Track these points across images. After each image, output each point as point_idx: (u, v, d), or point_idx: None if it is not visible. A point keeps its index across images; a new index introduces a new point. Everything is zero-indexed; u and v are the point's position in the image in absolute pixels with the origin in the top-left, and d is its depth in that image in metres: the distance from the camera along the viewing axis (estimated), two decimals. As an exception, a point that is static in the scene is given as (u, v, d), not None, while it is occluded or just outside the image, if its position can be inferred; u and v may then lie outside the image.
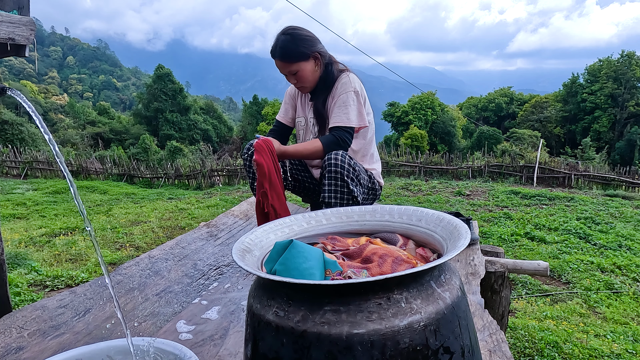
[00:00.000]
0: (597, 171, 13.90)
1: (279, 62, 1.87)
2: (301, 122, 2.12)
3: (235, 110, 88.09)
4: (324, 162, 1.78)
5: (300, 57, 1.85)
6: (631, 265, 4.68)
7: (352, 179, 1.78)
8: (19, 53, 1.12)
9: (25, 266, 3.60)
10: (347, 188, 1.77)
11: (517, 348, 2.58)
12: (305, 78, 1.89)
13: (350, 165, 1.77)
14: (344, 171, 1.75)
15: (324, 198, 1.77)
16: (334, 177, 1.75)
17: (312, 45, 1.88)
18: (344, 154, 1.78)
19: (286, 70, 1.88)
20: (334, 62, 1.97)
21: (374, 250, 0.81)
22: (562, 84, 38.25)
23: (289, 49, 1.83)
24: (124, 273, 1.62)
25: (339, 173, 1.75)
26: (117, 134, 34.86)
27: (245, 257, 0.81)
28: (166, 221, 6.44)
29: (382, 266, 0.76)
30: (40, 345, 1.17)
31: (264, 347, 0.69)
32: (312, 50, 1.87)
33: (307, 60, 1.87)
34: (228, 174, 14.87)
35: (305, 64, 1.87)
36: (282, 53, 1.84)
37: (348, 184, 1.76)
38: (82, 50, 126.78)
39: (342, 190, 1.77)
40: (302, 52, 1.84)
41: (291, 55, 1.84)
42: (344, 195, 1.77)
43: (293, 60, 1.84)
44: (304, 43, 1.85)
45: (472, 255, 1.79)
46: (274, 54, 1.87)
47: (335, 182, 1.76)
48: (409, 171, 14.75)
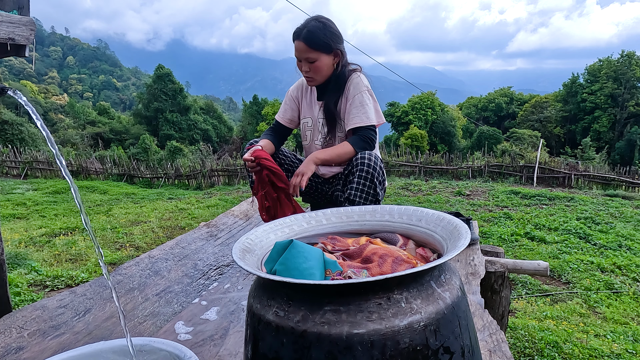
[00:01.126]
0: (597, 171, 13.90)
1: (301, 45, 1.81)
2: (308, 122, 2.08)
3: (235, 110, 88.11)
4: (356, 160, 1.77)
5: (324, 48, 1.82)
6: (631, 265, 4.68)
7: (380, 182, 1.77)
8: (19, 53, 1.12)
9: (25, 266, 3.60)
10: (374, 190, 1.75)
11: (517, 348, 2.58)
12: (320, 70, 1.86)
13: (381, 168, 1.77)
14: (375, 173, 1.74)
15: (349, 195, 1.75)
16: (365, 176, 1.73)
17: (338, 41, 1.87)
18: (377, 156, 1.78)
19: (305, 55, 1.83)
20: (348, 64, 1.96)
21: (374, 250, 0.81)
22: (562, 84, 38.26)
23: (317, 35, 1.80)
24: (124, 273, 1.62)
25: (370, 174, 1.73)
26: (117, 134, 34.86)
27: (245, 257, 0.81)
28: (166, 221, 6.44)
29: (382, 266, 0.76)
30: (40, 345, 1.17)
31: (264, 347, 0.69)
32: (337, 46, 1.86)
33: (329, 53, 1.85)
34: (228, 174, 14.87)
35: (326, 57, 1.84)
36: (308, 36, 1.79)
37: (376, 186, 1.75)
38: (82, 50, 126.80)
39: (368, 192, 1.75)
40: (327, 44, 1.82)
41: (317, 42, 1.80)
42: (369, 196, 1.76)
43: (317, 47, 1.81)
44: (332, 36, 1.83)
45: (472, 255, 1.79)
46: (298, 34, 1.82)
47: (364, 182, 1.74)
48: (409, 171, 14.75)
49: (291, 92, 2.14)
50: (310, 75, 1.88)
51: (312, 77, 1.89)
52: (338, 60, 1.90)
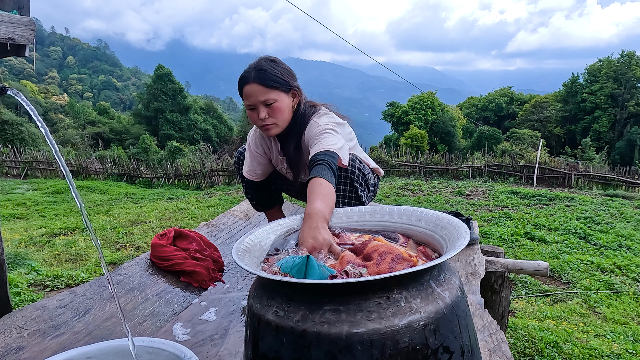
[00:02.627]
0: (597, 171, 13.90)
1: (255, 87, 1.54)
2: (282, 170, 1.91)
3: (235, 110, 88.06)
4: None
5: (281, 86, 1.57)
6: (631, 265, 4.68)
7: (361, 184, 1.69)
8: (19, 53, 1.12)
9: (25, 266, 3.60)
10: (356, 194, 1.68)
11: (517, 348, 2.58)
12: (281, 113, 1.59)
13: (360, 170, 1.67)
14: (354, 176, 1.66)
15: None
16: (343, 182, 1.66)
17: (293, 79, 1.64)
18: (353, 158, 1.67)
19: (262, 98, 1.55)
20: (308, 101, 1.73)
21: (374, 248, 0.81)
22: (562, 84, 38.26)
23: (271, 72, 1.56)
24: (124, 273, 1.62)
25: (349, 178, 1.66)
26: (117, 134, 34.86)
27: (245, 257, 0.81)
28: (166, 221, 6.44)
29: (380, 264, 0.76)
30: (40, 345, 1.17)
31: (264, 346, 0.69)
32: (294, 84, 1.63)
33: (287, 93, 1.60)
34: (228, 174, 14.87)
35: (285, 97, 1.59)
36: (262, 76, 1.54)
37: (357, 189, 1.68)
38: (82, 50, 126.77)
39: (350, 196, 1.69)
40: (285, 81, 1.58)
41: (273, 79, 1.55)
42: (352, 201, 1.69)
43: (274, 86, 1.55)
44: (287, 73, 1.61)
45: (472, 255, 1.79)
46: (247, 78, 1.56)
47: (344, 187, 1.67)
48: (409, 171, 14.74)
49: (255, 150, 1.86)
50: (270, 121, 1.59)
51: (273, 123, 1.60)
52: (298, 101, 1.65)
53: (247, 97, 1.57)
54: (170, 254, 1.66)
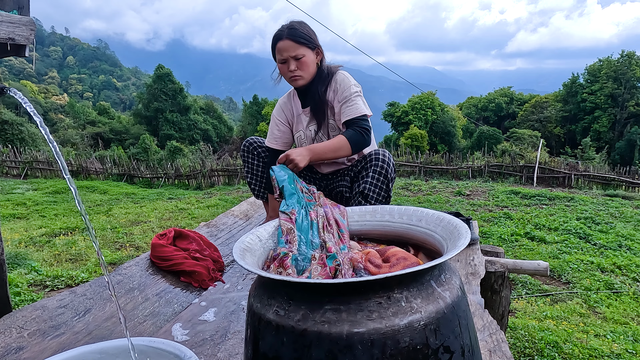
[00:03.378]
0: (597, 171, 13.90)
1: (287, 42, 1.79)
2: (301, 135, 2.05)
3: (235, 110, 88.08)
4: (370, 156, 1.79)
5: (309, 42, 1.83)
6: (631, 265, 4.68)
7: (391, 180, 1.80)
8: (19, 53, 1.12)
9: (25, 266, 3.60)
10: (387, 186, 1.78)
11: (517, 348, 2.58)
12: (308, 66, 1.84)
13: (394, 165, 1.80)
14: (389, 169, 1.77)
15: (364, 189, 1.75)
16: (380, 172, 1.75)
17: (317, 39, 1.89)
18: (390, 155, 1.81)
19: (293, 53, 1.80)
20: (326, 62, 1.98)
21: (394, 252, 0.83)
22: (562, 84, 38.24)
23: (300, 31, 1.81)
24: (124, 273, 1.62)
25: (385, 170, 1.76)
26: (117, 134, 34.84)
27: (246, 257, 0.81)
28: (166, 221, 6.44)
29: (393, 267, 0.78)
30: (40, 345, 1.17)
31: (264, 346, 0.69)
32: (318, 43, 1.88)
33: (313, 50, 1.85)
34: (228, 174, 14.87)
35: (311, 53, 1.84)
36: (293, 33, 1.79)
37: (389, 182, 1.78)
38: (82, 50, 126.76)
39: (382, 187, 1.77)
40: (311, 39, 1.84)
41: (302, 37, 1.80)
42: (382, 191, 1.77)
43: (303, 42, 1.80)
44: (312, 33, 1.87)
45: (472, 255, 1.79)
46: (280, 35, 1.81)
47: (379, 178, 1.76)
48: (409, 171, 14.75)
49: (277, 116, 2.06)
50: (298, 73, 1.84)
51: (300, 75, 1.85)
52: (320, 58, 1.91)
53: (280, 51, 1.82)
54: (170, 254, 1.67)
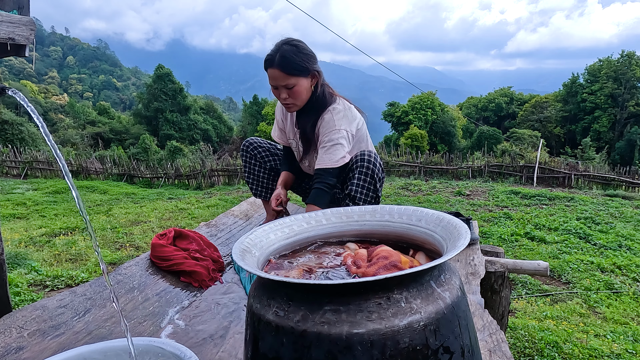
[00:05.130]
0: (597, 171, 13.90)
1: (277, 72, 1.71)
2: (292, 144, 2.05)
3: (235, 110, 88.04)
4: (356, 157, 1.78)
5: (301, 72, 1.72)
6: (631, 265, 4.68)
7: (379, 180, 1.79)
8: (19, 53, 1.12)
9: (25, 266, 3.60)
10: (374, 186, 1.77)
11: (517, 348, 2.58)
12: (300, 95, 1.76)
13: (380, 165, 1.79)
14: (376, 169, 1.76)
15: (350, 191, 1.75)
16: (366, 172, 1.75)
17: (314, 62, 1.78)
18: (376, 153, 1.80)
19: (282, 83, 1.73)
20: (326, 84, 1.89)
21: (379, 252, 0.82)
22: (562, 84, 38.24)
23: (292, 60, 1.69)
24: (124, 273, 1.62)
25: (371, 170, 1.75)
26: (117, 134, 34.83)
27: (245, 257, 0.81)
28: (166, 221, 6.44)
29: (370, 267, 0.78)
30: (40, 345, 1.17)
31: (264, 346, 0.69)
32: (313, 67, 1.77)
33: (307, 76, 1.76)
34: (228, 174, 14.87)
35: (304, 81, 1.75)
36: (284, 63, 1.69)
37: (376, 182, 1.77)
38: (82, 50, 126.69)
39: (369, 187, 1.76)
40: (304, 67, 1.73)
41: (293, 67, 1.70)
42: (370, 192, 1.77)
43: (294, 73, 1.71)
44: (307, 58, 1.75)
45: (472, 255, 1.79)
46: (271, 62, 1.71)
47: (365, 178, 1.75)
48: (409, 171, 14.74)
49: (277, 116, 2.10)
50: (290, 101, 1.78)
51: (292, 104, 1.80)
52: (316, 82, 1.81)
53: (270, 79, 1.76)
54: (170, 254, 1.67)
